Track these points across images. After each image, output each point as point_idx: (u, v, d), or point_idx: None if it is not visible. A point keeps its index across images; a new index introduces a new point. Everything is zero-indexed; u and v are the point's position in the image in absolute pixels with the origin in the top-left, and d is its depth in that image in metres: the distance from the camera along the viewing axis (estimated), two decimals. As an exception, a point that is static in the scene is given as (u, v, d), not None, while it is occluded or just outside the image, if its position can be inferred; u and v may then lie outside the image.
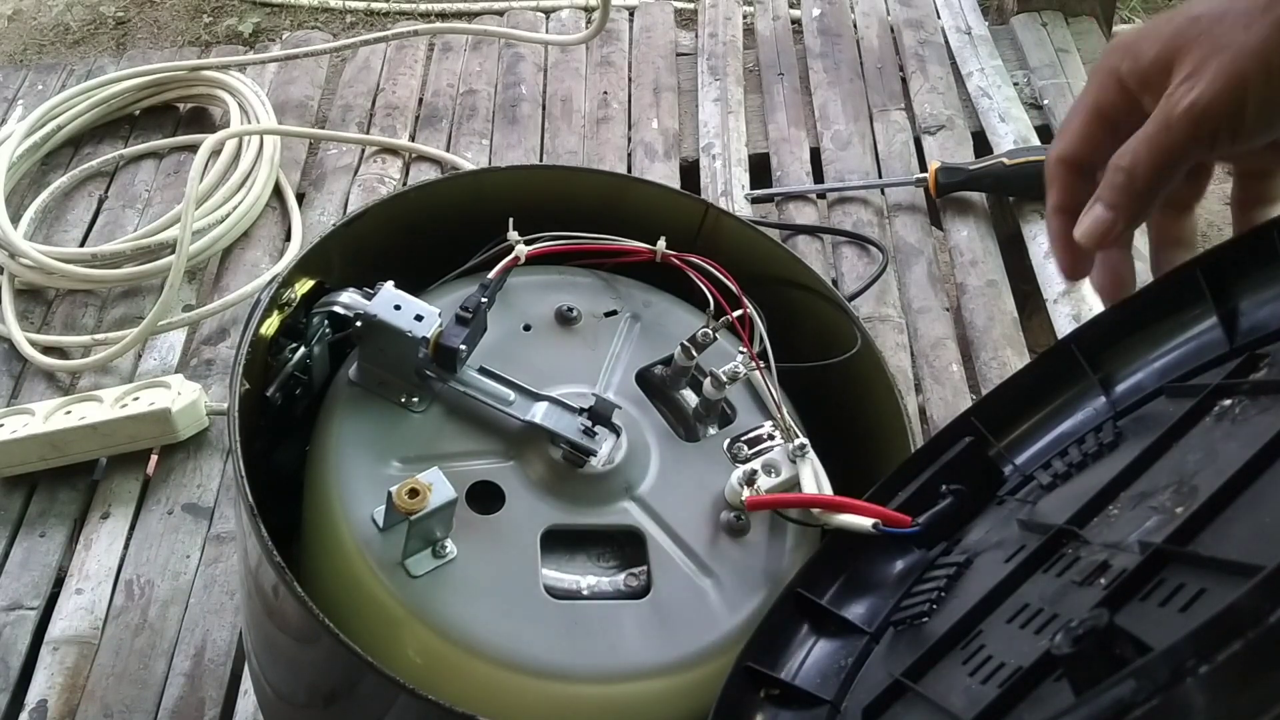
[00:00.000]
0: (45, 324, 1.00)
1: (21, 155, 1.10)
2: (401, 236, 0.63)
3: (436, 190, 0.66)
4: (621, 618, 0.54)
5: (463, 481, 0.55)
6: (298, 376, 0.59)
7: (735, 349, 0.61)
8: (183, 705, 0.74)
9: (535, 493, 0.56)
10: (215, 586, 0.80)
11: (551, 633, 0.53)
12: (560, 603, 0.54)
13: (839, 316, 0.65)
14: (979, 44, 1.19)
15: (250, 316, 0.57)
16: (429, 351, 0.56)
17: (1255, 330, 0.44)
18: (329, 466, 0.56)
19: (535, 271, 0.63)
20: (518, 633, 0.53)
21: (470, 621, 0.53)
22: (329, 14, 1.96)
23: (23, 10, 2.14)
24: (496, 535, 0.55)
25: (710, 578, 0.55)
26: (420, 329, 0.55)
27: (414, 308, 0.56)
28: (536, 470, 0.57)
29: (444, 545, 0.53)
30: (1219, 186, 0.57)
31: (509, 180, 0.67)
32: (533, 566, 0.54)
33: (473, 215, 0.63)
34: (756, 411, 0.61)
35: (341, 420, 0.57)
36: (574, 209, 0.65)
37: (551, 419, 0.56)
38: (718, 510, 0.57)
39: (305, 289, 0.59)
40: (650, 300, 0.64)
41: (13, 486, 0.87)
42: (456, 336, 0.56)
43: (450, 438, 0.57)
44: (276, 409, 0.59)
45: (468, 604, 0.53)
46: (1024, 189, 1.02)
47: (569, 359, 0.60)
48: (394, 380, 0.57)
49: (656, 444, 0.59)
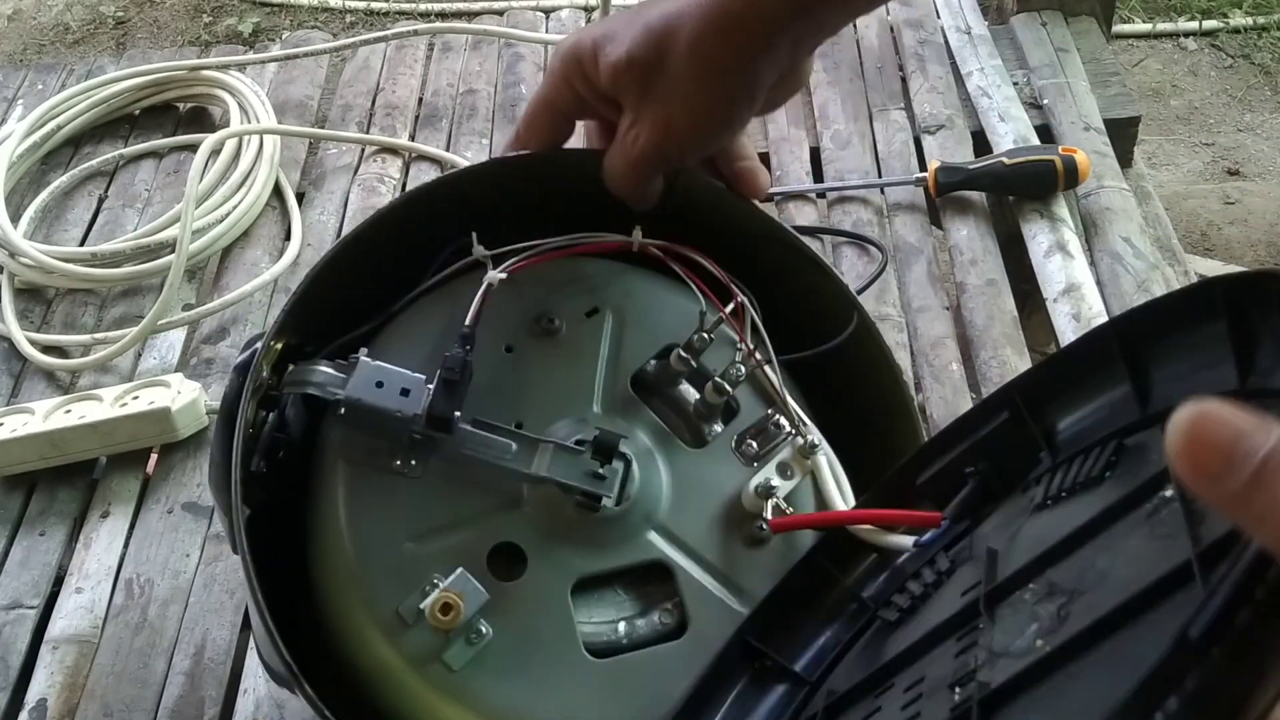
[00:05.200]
0: (45, 323, 1.00)
1: (21, 155, 1.10)
2: (365, 282, 0.58)
3: (387, 218, 0.59)
4: (666, 664, 0.52)
5: (480, 547, 0.53)
6: (276, 437, 0.54)
7: (732, 336, 0.58)
8: (182, 704, 0.74)
9: (555, 543, 0.54)
10: (215, 585, 0.80)
11: (601, 697, 0.51)
12: (603, 662, 0.52)
13: (827, 284, 0.61)
14: (978, 44, 1.19)
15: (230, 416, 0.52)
16: (422, 423, 0.53)
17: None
18: (340, 565, 0.53)
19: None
20: (568, 705, 0.51)
21: (518, 703, 0.51)
22: (329, 14, 1.96)
23: (22, 10, 2.14)
24: (527, 601, 0.53)
25: (741, 596, 0.54)
26: (409, 406, 0.52)
27: (397, 381, 0.52)
28: (553, 521, 0.54)
29: (478, 629, 0.51)
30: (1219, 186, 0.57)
31: (464, 184, 0.62)
32: (569, 628, 0.52)
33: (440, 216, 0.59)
34: (760, 400, 0.58)
35: (342, 506, 0.53)
36: (550, 192, 0.60)
37: (558, 468, 0.53)
38: (736, 520, 0.55)
39: (273, 355, 0.55)
40: (630, 287, 0.59)
41: (12, 485, 0.87)
42: (448, 404, 0.52)
43: (456, 501, 0.53)
44: (263, 475, 0.54)
45: (512, 684, 0.51)
46: (1024, 188, 1.02)
47: (560, 378, 0.57)
48: (384, 446, 0.54)
49: (666, 460, 0.56)
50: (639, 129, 0.54)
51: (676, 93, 0.53)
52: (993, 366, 0.91)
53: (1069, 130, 1.09)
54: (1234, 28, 2.06)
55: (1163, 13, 2.10)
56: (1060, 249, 0.97)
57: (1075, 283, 0.94)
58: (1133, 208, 1.03)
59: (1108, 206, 1.02)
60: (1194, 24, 2.06)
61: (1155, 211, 1.11)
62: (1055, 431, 0.49)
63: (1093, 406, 0.47)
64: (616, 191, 0.57)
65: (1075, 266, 0.96)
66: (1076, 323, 0.91)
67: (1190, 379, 0.43)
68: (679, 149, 0.55)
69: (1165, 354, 0.44)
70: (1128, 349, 0.45)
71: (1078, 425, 0.48)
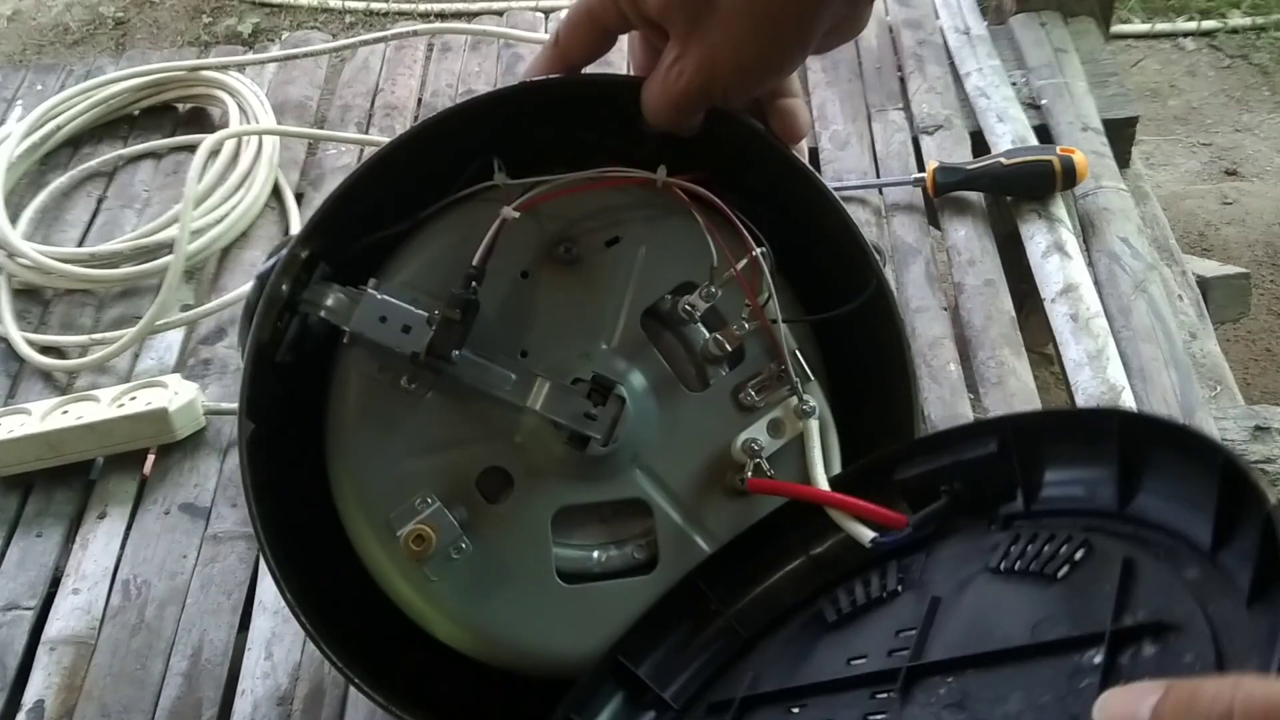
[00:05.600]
0: (43, 323, 1.00)
1: (20, 155, 1.11)
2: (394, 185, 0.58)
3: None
4: (631, 596, 0.55)
5: (471, 469, 0.56)
6: (304, 332, 0.57)
7: (749, 281, 0.57)
8: (180, 705, 0.74)
9: (543, 473, 0.57)
10: (212, 586, 0.80)
11: (566, 619, 0.55)
12: (572, 587, 0.56)
13: (848, 240, 0.59)
14: (977, 44, 1.19)
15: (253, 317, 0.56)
16: (420, 360, 0.55)
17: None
18: (344, 469, 0.57)
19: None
20: (534, 624, 0.55)
21: (487, 616, 0.55)
22: (328, 14, 1.96)
23: (22, 10, 2.14)
24: (508, 523, 0.56)
25: (713, 542, 0.57)
26: (408, 343, 0.54)
27: (400, 318, 0.54)
28: (542, 452, 0.57)
29: (460, 544, 0.55)
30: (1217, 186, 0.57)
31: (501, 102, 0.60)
32: (545, 553, 0.56)
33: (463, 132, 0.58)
34: (766, 352, 0.58)
35: (350, 415, 0.57)
36: (576, 117, 0.59)
37: (551, 405, 0.55)
38: (720, 469, 0.57)
39: (297, 265, 0.57)
40: (653, 219, 0.59)
41: (9, 486, 0.87)
42: (448, 343, 0.54)
43: (454, 424, 0.57)
44: (292, 367, 0.57)
45: (485, 599, 0.55)
46: (1022, 189, 1.02)
47: (572, 308, 0.58)
48: (392, 364, 0.56)
49: (663, 402, 0.58)
50: (683, 64, 0.51)
51: (726, 32, 0.50)
52: (990, 367, 0.91)
53: (1067, 130, 1.09)
54: (1232, 28, 2.06)
55: (1161, 13, 2.10)
56: (1058, 249, 0.97)
57: (1073, 283, 0.94)
58: (1130, 208, 1.03)
59: (1105, 207, 1.02)
60: (1192, 24, 2.06)
61: (1153, 212, 1.11)
62: (1038, 481, 0.49)
63: (1078, 474, 0.47)
64: (654, 121, 0.54)
65: (1073, 267, 0.96)
66: (1074, 323, 0.91)
67: (1171, 502, 0.43)
68: (722, 90, 0.52)
69: (1159, 464, 0.44)
70: (1127, 436, 0.45)
71: (1059, 486, 0.48)
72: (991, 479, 0.49)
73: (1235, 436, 0.88)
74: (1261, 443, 0.89)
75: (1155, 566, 0.40)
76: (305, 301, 0.56)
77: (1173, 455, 0.43)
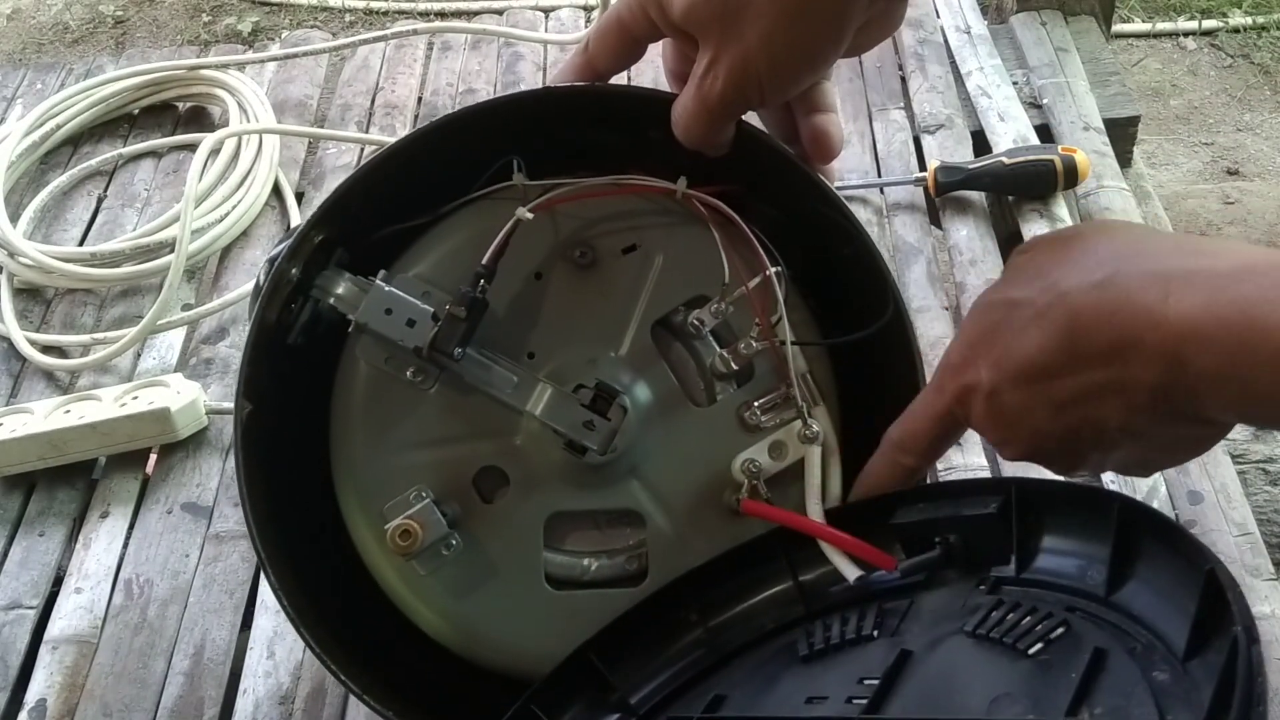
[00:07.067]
0: (44, 323, 1.00)
1: (20, 154, 1.10)
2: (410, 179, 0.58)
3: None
4: (618, 607, 0.55)
5: (469, 466, 0.57)
6: (316, 316, 0.57)
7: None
8: (182, 704, 0.74)
9: (539, 477, 0.57)
10: (214, 586, 0.80)
11: (550, 625, 0.55)
12: (560, 593, 0.56)
13: (870, 264, 0.58)
14: (978, 43, 1.19)
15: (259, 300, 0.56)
16: (424, 356, 0.55)
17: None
18: (344, 455, 0.58)
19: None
20: (517, 626, 0.55)
21: (473, 614, 0.56)
22: (328, 13, 1.96)
23: (21, 9, 2.14)
24: (500, 523, 0.56)
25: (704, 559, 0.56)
26: (412, 338, 0.54)
27: (405, 312, 0.54)
28: (540, 456, 0.57)
29: (450, 541, 0.55)
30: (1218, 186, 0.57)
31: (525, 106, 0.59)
32: (535, 556, 0.56)
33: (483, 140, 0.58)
34: (775, 372, 0.58)
35: (354, 403, 0.57)
36: (599, 122, 0.58)
37: (551, 412, 0.55)
38: (720, 486, 0.57)
39: (309, 249, 0.57)
40: (671, 230, 0.58)
41: (12, 486, 0.87)
42: (451, 341, 0.54)
43: (455, 420, 0.57)
44: (303, 348, 0.57)
45: (471, 597, 0.55)
46: (1023, 188, 1.02)
47: (583, 312, 0.57)
48: (399, 356, 0.56)
49: (667, 415, 0.57)
50: (716, 70, 0.50)
51: (756, 30, 0.48)
52: (992, 366, 0.91)
53: (1068, 130, 1.09)
54: (1233, 27, 2.06)
55: (1162, 12, 2.10)
56: (1060, 249, 0.97)
57: (1075, 283, 0.94)
58: (1132, 207, 1.03)
59: (1107, 206, 1.02)
60: (1193, 24, 2.06)
61: (1154, 211, 1.11)
62: (1034, 548, 0.48)
63: (1074, 547, 0.47)
64: (687, 139, 0.52)
65: (1075, 266, 0.96)
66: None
67: (1157, 599, 0.42)
68: (759, 92, 0.50)
69: (1152, 558, 0.43)
70: (1124, 522, 0.45)
71: (1053, 557, 0.47)
72: (988, 538, 0.49)
73: (1236, 436, 0.88)
74: (1262, 442, 0.89)
75: (1125, 662, 0.40)
76: (317, 287, 0.56)
77: (1165, 552, 0.42)
